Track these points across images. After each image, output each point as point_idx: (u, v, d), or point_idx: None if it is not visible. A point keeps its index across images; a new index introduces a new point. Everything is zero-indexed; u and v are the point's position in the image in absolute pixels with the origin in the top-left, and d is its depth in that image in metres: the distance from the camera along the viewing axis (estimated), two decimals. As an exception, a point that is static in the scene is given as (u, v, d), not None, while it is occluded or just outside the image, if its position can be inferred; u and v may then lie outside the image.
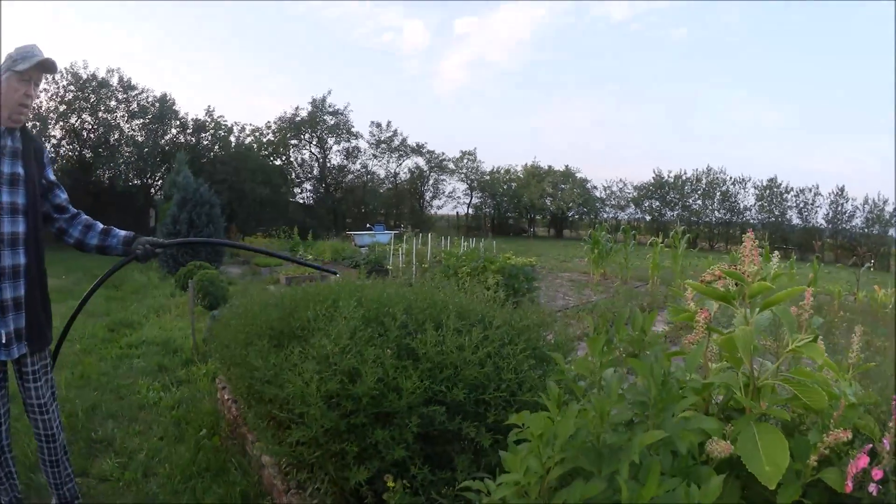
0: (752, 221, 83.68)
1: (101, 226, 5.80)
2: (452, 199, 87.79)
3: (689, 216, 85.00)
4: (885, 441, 3.07)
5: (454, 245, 35.31)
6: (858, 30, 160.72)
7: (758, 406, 3.30)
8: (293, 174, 72.01)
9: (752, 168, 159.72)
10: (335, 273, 7.78)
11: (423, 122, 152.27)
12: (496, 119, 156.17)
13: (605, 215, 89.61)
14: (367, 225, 60.52)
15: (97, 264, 30.13)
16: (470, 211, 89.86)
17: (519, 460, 2.93)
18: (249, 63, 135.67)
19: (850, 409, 3.35)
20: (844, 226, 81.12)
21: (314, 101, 72.77)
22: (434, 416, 4.74)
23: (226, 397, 8.39)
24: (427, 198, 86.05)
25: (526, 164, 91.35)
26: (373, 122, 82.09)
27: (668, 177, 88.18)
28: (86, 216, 5.80)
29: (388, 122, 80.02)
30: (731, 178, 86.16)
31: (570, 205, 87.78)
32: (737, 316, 3.48)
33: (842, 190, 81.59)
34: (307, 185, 74.79)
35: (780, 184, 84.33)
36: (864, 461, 2.94)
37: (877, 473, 2.94)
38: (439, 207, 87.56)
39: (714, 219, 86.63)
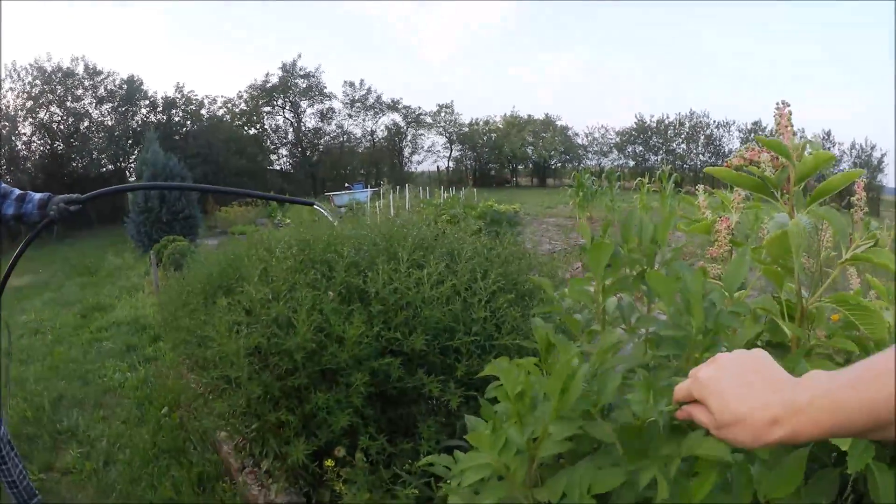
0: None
1: (17, 192, 5.05)
2: (432, 154, 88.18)
3: (674, 160, 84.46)
4: None
5: (434, 197, 34.96)
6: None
7: (810, 337, 2.51)
8: (268, 142, 72.60)
9: (737, 114, 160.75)
10: (312, 204, 7.12)
11: (402, 82, 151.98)
12: (474, 71, 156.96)
13: (589, 162, 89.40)
14: (347, 185, 60.35)
15: (76, 254, 30.13)
16: (451, 165, 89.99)
17: (487, 435, 1.81)
18: (220, 32, 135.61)
19: None
20: (831, 170, 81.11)
21: (284, 65, 73.16)
22: (389, 370, 3.95)
23: (186, 372, 8.04)
24: (406, 154, 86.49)
25: (505, 115, 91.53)
26: (346, 82, 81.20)
27: (651, 121, 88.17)
28: (5, 185, 5.05)
29: (362, 81, 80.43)
30: (714, 121, 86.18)
31: (552, 153, 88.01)
32: (774, 217, 2.54)
33: (828, 134, 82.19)
34: (283, 152, 75.55)
35: (766, 127, 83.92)
36: None
37: None
38: (419, 163, 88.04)
39: (699, 162, 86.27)
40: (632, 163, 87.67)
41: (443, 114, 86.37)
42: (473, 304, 4.21)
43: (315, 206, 7.28)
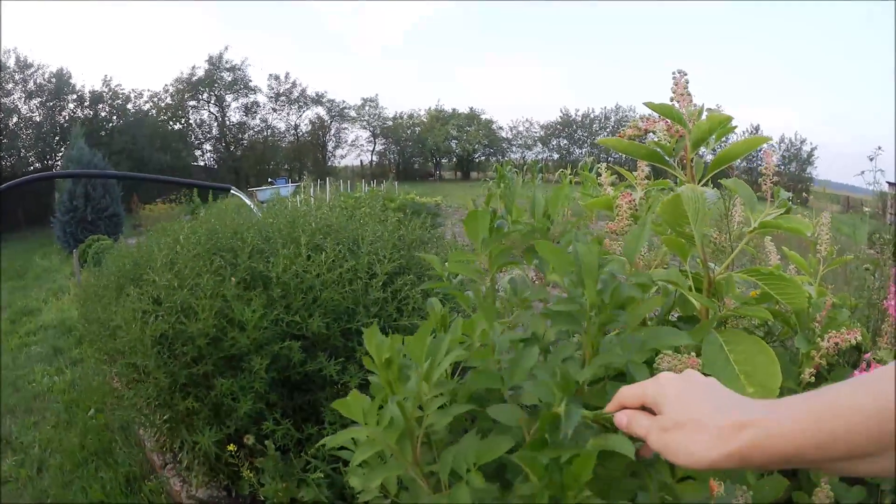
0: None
1: None
2: (356, 148, 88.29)
3: (599, 153, 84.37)
4: None
5: (356, 189, 34.95)
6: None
7: (719, 307, 2.46)
8: (192, 137, 71.83)
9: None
10: (229, 189, 7.11)
11: (329, 74, 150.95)
12: (400, 65, 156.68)
13: (513, 155, 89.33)
14: (270, 180, 59.78)
15: (3, 257, 29.28)
16: (374, 158, 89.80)
17: (354, 403, 1.73)
18: (150, 21, 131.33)
19: (835, 310, 2.77)
20: (759, 164, 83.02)
21: (210, 58, 72.51)
22: (291, 354, 3.95)
23: (105, 368, 7.72)
24: (330, 148, 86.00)
25: (429, 108, 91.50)
26: (271, 75, 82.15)
27: (576, 115, 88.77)
28: None
29: (287, 74, 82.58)
30: (640, 115, 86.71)
31: (476, 146, 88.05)
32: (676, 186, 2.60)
33: (756, 128, 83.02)
34: (207, 147, 74.81)
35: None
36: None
37: None
38: (343, 157, 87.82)
39: (624, 156, 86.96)
40: (556, 156, 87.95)
41: (367, 107, 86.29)
42: (372, 287, 4.23)
43: (232, 192, 7.27)
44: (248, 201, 7.14)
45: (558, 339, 2.03)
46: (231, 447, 3.90)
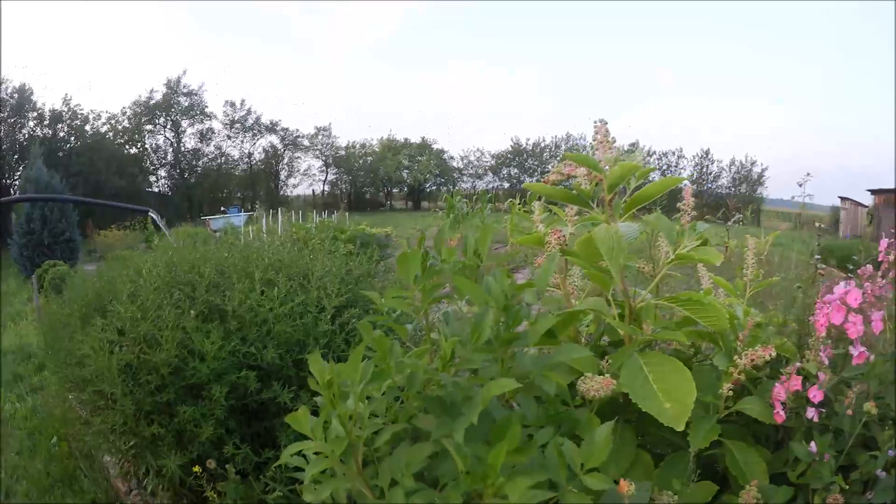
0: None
1: None
2: (308, 177, 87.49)
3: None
4: (822, 354, 2.76)
5: (307, 220, 34.95)
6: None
7: (639, 331, 2.75)
8: (148, 162, 70.54)
9: (619, 137, 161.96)
10: (146, 211, 7.36)
11: (285, 101, 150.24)
12: (354, 94, 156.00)
13: (464, 184, 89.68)
14: (222, 208, 59.10)
15: None
16: (326, 188, 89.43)
17: (307, 420, 2.13)
18: (109, 41, 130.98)
19: (758, 328, 2.96)
20: (710, 186, 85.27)
21: (169, 81, 71.61)
22: (247, 383, 4.20)
23: (69, 396, 7.79)
24: (283, 177, 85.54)
25: (382, 138, 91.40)
26: (227, 102, 79.76)
27: (527, 144, 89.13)
28: None
29: (243, 101, 78.97)
30: (591, 143, 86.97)
31: (427, 176, 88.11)
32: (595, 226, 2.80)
33: (707, 152, 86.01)
34: (162, 173, 73.49)
35: (643, 147, 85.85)
36: (796, 382, 2.67)
37: (816, 395, 2.63)
38: (295, 186, 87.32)
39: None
40: (507, 185, 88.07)
41: (320, 136, 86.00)
42: (321, 320, 4.47)
43: (150, 214, 7.47)
44: (162, 227, 7.33)
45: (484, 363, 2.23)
46: (196, 469, 4.08)
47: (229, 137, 78.32)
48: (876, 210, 55.55)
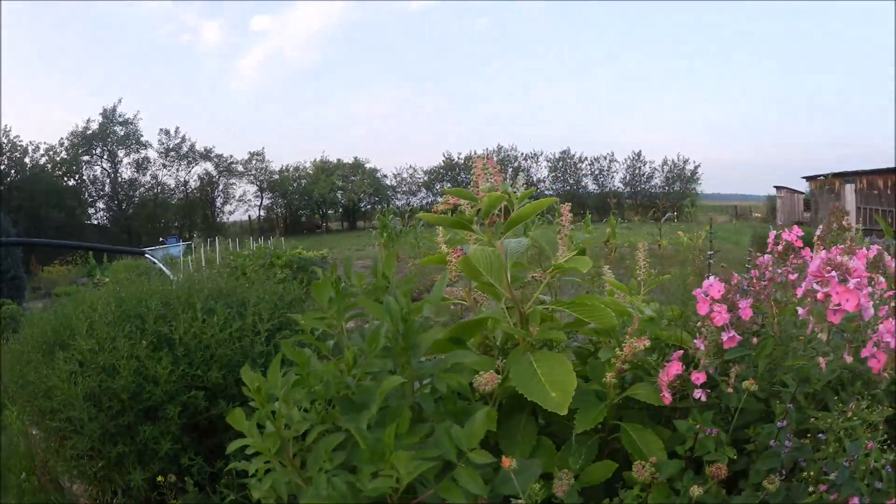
0: (546, 192, 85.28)
1: None
2: (244, 203, 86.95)
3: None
4: (697, 342, 3.00)
5: (244, 247, 34.87)
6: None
7: (528, 334, 3.13)
8: (86, 193, 69.71)
9: (549, 144, 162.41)
10: (143, 253, 7.67)
11: (217, 125, 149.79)
12: (288, 117, 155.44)
13: (398, 202, 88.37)
14: (161, 239, 57.60)
15: None
16: (262, 213, 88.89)
17: (244, 419, 2.61)
18: (47, 73, 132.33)
19: (647, 322, 3.30)
20: (644, 186, 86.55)
21: (105, 111, 70.55)
22: (196, 402, 4.58)
23: (33, 432, 7.98)
24: (218, 204, 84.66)
25: (315, 160, 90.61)
26: (161, 130, 78.44)
27: (459, 159, 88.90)
28: None
29: (177, 128, 78.17)
30: (522, 154, 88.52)
31: (362, 195, 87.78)
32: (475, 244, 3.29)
33: (639, 154, 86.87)
34: (100, 204, 72.63)
35: (574, 154, 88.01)
36: (676, 367, 2.90)
37: (697, 377, 2.88)
38: (231, 213, 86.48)
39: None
40: (440, 200, 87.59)
41: (254, 161, 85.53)
42: (256, 342, 4.87)
43: (146, 256, 7.75)
44: (162, 266, 7.52)
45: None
46: (160, 478, 4.42)
47: (165, 166, 77.86)
48: (813, 196, 56.05)
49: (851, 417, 2.57)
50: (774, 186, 67.20)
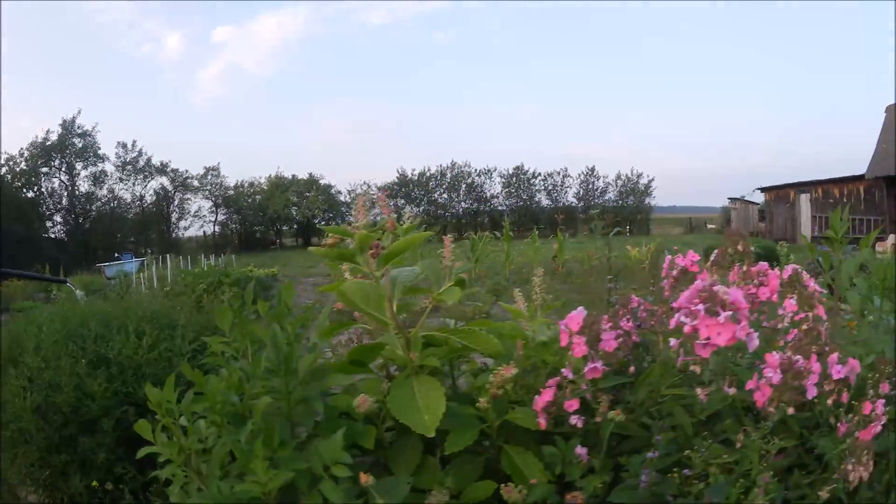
0: (499, 208, 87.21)
1: None
2: (199, 219, 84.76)
3: (436, 210, 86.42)
4: (565, 371, 2.95)
5: (197, 264, 34.45)
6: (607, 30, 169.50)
7: (409, 359, 3.23)
8: (44, 206, 67.76)
9: (502, 160, 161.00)
10: (65, 282, 7.74)
11: (174, 138, 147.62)
12: (244, 130, 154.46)
13: (351, 219, 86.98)
14: (116, 255, 56.52)
15: None
16: (217, 229, 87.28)
17: (149, 429, 2.94)
18: (10, 79, 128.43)
19: (538, 347, 3.32)
20: (597, 200, 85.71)
21: (64, 122, 68.73)
22: (129, 416, 4.92)
23: None
24: (174, 219, 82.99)
25: (270, 176, 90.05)
26: (119, 143, 76.68)
27: (413, 174, 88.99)
28: None
29: (134, 142, 76.63)
30: (476, 170, 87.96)
31: (316, 211, 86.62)
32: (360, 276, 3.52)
33: (592, 169, 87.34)
34: (58, 218, 70.48)
35: (528, 170, 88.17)
36: (547, 395, 2.89)
37: (570, 404, 2.85)
38: (186, 228, 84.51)
39: (461, 209, 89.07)
40: (395, 216, 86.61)
41: (209, 176, 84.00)
42: (181, 362, 4.86)
43: (67, 285, 7.87)
44: (79, 294, 7.57)
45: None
46: (95, 484, 4.77)
47: (121, 180, 75.86)
48: (768, 206, 56.73)
49: (741, 448, 2.55)
50: (728, 198, 67.64)
